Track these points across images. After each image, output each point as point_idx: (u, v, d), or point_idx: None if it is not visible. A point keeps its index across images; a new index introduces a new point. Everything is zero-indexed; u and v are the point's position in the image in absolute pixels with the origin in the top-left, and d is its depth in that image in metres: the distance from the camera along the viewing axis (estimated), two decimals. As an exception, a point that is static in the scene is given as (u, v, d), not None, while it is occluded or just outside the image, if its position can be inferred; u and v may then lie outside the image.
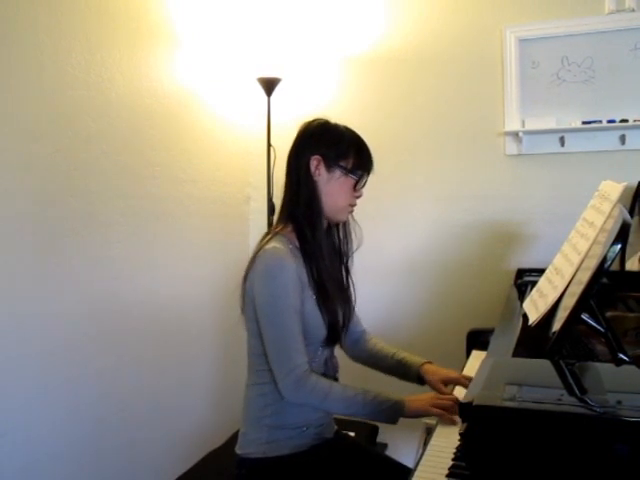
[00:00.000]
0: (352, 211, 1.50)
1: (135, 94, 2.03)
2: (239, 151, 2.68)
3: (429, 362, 1.54)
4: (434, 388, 1.47)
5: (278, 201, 2.44)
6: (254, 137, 2.69)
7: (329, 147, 1.43)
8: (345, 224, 1.53)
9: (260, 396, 1.42)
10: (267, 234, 1.47)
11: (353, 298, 1.54)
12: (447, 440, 1.22)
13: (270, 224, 2.46)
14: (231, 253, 2.60)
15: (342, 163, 1.42)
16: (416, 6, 2.50)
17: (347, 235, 1.54)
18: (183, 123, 2.29)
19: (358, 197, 1.48)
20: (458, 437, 1.18)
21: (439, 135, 2.49)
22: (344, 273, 1.54)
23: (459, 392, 1.43)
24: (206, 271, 2.42)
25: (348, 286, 1.54)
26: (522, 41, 2.35)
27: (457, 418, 1.27)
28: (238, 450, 1.45)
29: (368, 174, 1.48)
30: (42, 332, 1.69)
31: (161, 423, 2.16)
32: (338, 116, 1.49)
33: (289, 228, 1.45)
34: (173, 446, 2.21)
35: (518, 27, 2.35)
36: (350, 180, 1.44)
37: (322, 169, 1.42)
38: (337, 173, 1.42)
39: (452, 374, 1.50)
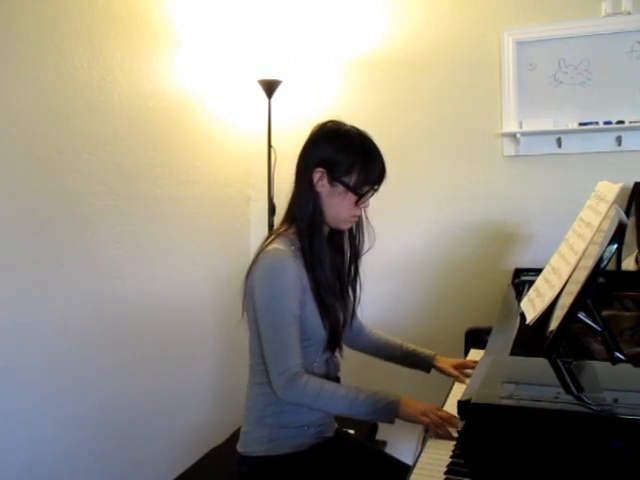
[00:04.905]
0: (357, 220, 1.45)
1: (137, 96, 2.04)
2: (240, 152, 2.69)
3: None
4: (445, 372, 1.58)
5: (279, 202, 2.50)
6: (255, 138, 2.70)
7: (334, 159, 1.37)
8: (359, 224, 1.48)
9: (262, 395, 1.42)
10: (270, 234, 1.45)
11: (358, 297, 1.54)
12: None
13: (271, 225, 2.47)
14: (232, 253, 2.62)
15: (345, 179, 1.37)
16: (415, 9, 2.51)
17: (361, 235, 1.50)
18: (184, 124, 2.30)
19: (364, 207, 1.44)
20: (457, 435, 1.19)
21: (438, 136, 2.51)
22: (352, 273, 1.51)
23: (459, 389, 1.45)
24: (207, 271, 2.43)
25: (349, 290, 1.52)
26: (519, 43, 2.37)
27: (444, 431, 1.25)
28: (239, 448, 1.45)
29: (376, 187, 1.42)
30: (45, 332, 1.70)
31: (163, 421, 2.18)
32: (338, 118, 1.49)
33: (292, 229, 1.42)
34: (175, 444, 2.22)
35: (515, 30, 2.36)
36: (353, 196, 1.38)
37: (325, 182, 1.38)
38: (339, 188, 1.38)
39: (460, 360, 1.63)
